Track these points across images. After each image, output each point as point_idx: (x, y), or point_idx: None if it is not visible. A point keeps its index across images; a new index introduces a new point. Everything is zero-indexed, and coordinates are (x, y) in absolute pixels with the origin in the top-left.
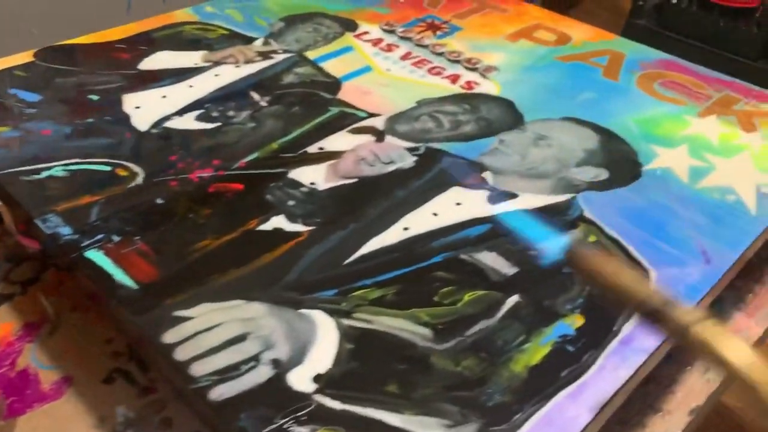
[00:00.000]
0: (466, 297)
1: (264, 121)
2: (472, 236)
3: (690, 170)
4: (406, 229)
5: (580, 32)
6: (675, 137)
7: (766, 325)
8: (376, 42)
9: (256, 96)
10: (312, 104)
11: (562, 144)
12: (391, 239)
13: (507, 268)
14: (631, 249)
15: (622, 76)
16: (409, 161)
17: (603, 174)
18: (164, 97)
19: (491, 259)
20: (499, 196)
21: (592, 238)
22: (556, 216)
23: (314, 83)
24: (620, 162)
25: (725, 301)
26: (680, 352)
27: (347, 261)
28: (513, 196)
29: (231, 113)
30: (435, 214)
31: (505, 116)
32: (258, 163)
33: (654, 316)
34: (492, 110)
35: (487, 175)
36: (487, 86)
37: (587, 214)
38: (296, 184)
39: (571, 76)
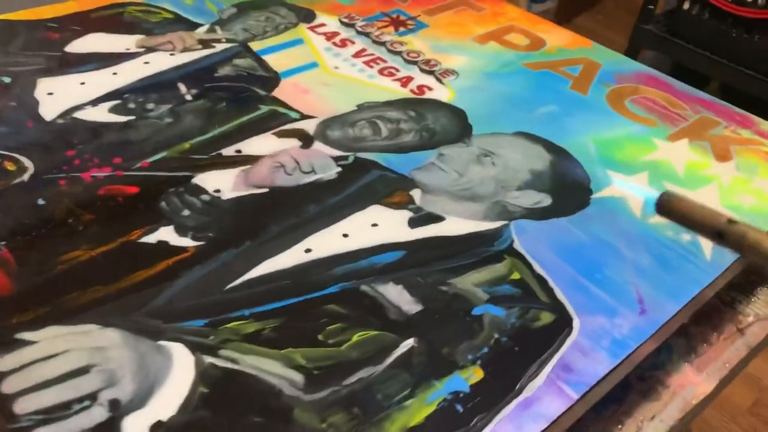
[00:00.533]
0: (355, 337)
1: (184, 116)
2: (379, 264)
3: (645, 202)
4: (308, 251)
5: (557, 37)
6: (636, 162)
7: (715, 382)
8: (330, 36)
9: (182, 88)
10: (242, 101)
11: (507, 163)
12: (288, 262)
13: (410, 305)
14: (558, 291)
15: (592, 89)
16: (332, 172)
17: (545, 200)
18: (83, 83)
19: (395, 294)
20: (422, 218)
21: (515, 276)
22: (481, 246)
23: (251, 77)
24: (568, 188)
25: (674, 350)
26: (608, 408)
27: (230, 285)
28: (438, 219)
29: (150, 106)
30: (345, 236)
31: (452, 127)
32: (162, 164)
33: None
34: (439, 120)
35: (415, 193)
36: (441, 92)
37: (518, 245)
38: (198, 191)
39: (536, 87)
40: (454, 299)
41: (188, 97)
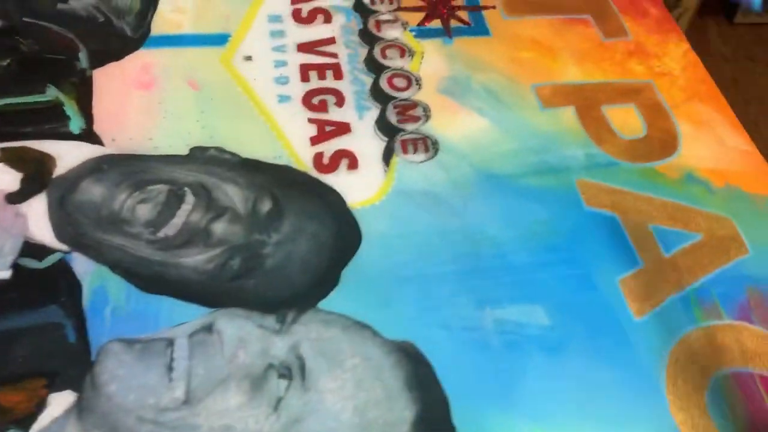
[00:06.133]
0: None
1: None
2: None
3: None
4: None
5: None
6: None
7: None
8: None
9: None
10: (41, 65)
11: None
12: None
13: None
14: None
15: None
16: None
17: None
18: None
19: None
20: None
21: None
22: None
23: (101, 25)
24: None
25: None
26: None
27: None
28: None
29: None
30: None
31: (304, 266)
32: None
33: None
34: (299, 234)
35: (59, 400)
36: (365, 179)
37: None
38: None
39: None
40: None
41: None
